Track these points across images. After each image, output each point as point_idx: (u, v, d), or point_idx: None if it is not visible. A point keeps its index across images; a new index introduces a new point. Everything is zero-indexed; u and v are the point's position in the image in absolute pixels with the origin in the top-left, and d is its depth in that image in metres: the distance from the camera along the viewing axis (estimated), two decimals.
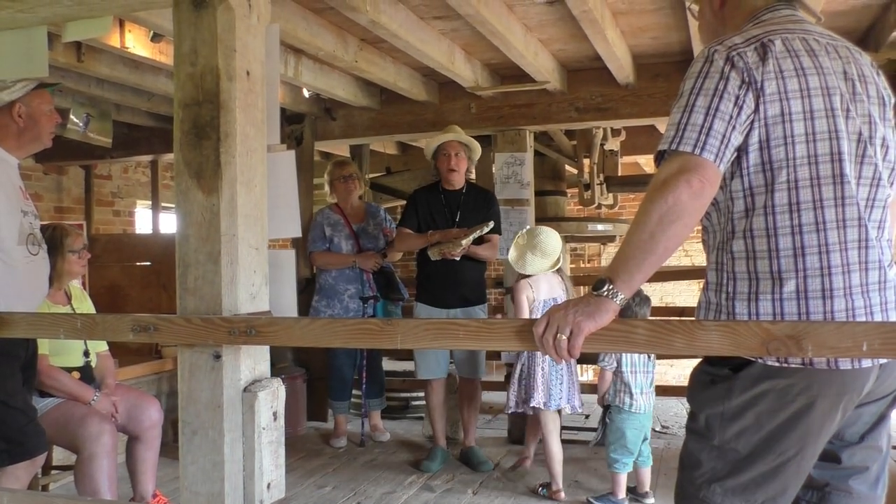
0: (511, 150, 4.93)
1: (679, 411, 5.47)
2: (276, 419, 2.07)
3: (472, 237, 3.96)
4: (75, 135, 4.77)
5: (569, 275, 5.68)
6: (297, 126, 5.27)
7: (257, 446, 2.01)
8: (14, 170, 2.61)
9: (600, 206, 6.05)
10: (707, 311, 1.54)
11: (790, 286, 1.43)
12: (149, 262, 5.28)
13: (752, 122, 1.44)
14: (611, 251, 8.33)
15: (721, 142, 1.42)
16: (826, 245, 1.44)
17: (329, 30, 3.68)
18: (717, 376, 1.50)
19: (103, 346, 3.36)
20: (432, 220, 4.20)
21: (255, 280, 2.12)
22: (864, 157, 1.48)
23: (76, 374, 3.13)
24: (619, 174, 5.96)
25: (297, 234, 2.91)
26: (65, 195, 6.32)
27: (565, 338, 1.43)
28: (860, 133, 1.48)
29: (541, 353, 2.37)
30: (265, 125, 2.18)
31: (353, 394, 4.92)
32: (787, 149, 1.44)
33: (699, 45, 3.52)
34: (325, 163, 5.48)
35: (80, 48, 3.62)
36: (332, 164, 4.91)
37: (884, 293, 1.47)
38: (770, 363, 1.42)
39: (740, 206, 1.49)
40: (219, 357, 1.98)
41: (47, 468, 3.22)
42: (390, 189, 6.46)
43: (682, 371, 8.27)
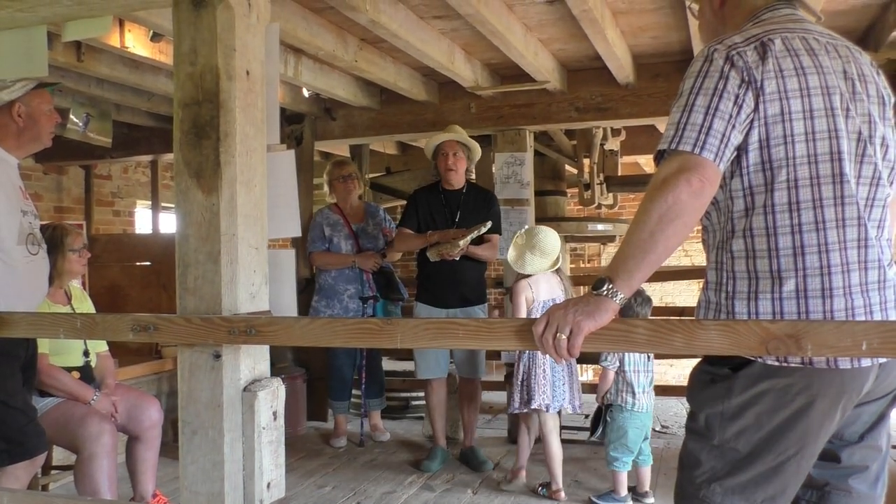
0: (511, 149, 4.93)
1: (679, 411, 5.47)
2: (275, 419, 2.07)
3: (470, 238, 3.96)
4: (75, 135, 4.77)
5: (568, 275, 5.70)
6: (297, 126, 5.27)
7: (257, 446, 2.01)
8: (14, 169, 2.62)
9: (600, 206, 6.05)
10: (707, 311, 1.55)
11: (790, 285, 1.44)
12: (149, 262, 5.28)
13: (751, 122, 1.45)
14: (611, 251, 8.32)
15: (721, 141, 1.42)
16: (825, 244, 1.44)
17: (329, 29, 3.68)
18: (717, 376, 1.50)
19: (103, 346, 3.36)
20: (432, 220, 4.20)
21: (255, 280, 2.12)
22: (863, 156, 1.48)
23: (76, 374, 3.13)
24: (619, 174, 5.96)
25: (297, 234, 2.91)
26: (65, 195, 6.32)
27: (565, 337, 1.43)
28: (860, 132, 1.49)
29: (542, 354, 2.38)
30: (265, 125, 2.18)
31: (353, 394, 4.92)
32: (786, 148, 1.44)
33: (699, 44, 3.53)
34: (325, 163, 5.48)
35: (80, 48, 3.62)
36: (331, 164, 4.91)
37: (883, 292, 1.47)
38: (770, 362, 1.43)
39: (740, 205, 1.49)
40: (219, 357, 1.98)
41: (47, 468, 3.22)
42: (390, 189, 6.45)
43: (682, 371, 8.27)
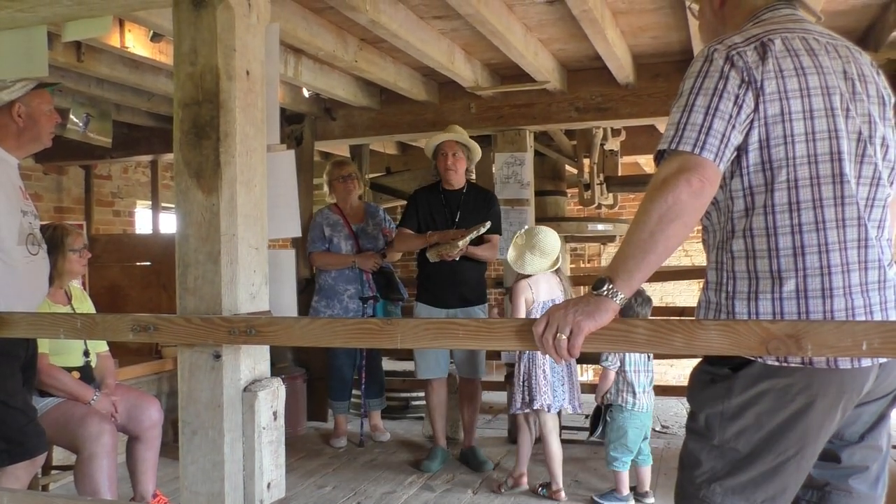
0: (511, 149, 4.93)
1: (679, 411, 5.47)
2: (276, 419, 2.07)
3: (469, 238, 3.95)
4: (75, 135, 4.77)
5: (568, 275, 5.70)
6: (297, 126, 5.27)
7: (257, 446, 2.01)
8: (14, 170, 2.62)
9: (600, 206, 6.05)
10: (707, 311, 1.54)
11: (790, 285, 1.44)
12: (149, 262, 5.28)
13: (751, 122, 1.44)
14: (611, 251, 8.32)
15: (721, 141, 1.42)
16: (826, 244, 1.44)
17: (329, 29, 3.68)
18: (717, 376, 1.50)
19: (103, 346, 3.36)
20: (432, 221, 4.19)
21: (255, 280, 2.12)
22: (863, 156, 1.48)
23: (76, 374, 3.13)
24: (619, 174, 5.96)
25: (297, 234, 2.91)
26: (65, 195, 6.32)
27: (565, 337, 1.43)
28: (860, 132, 1.48)
29: (542, 354, 2.38)
30: (265, 125, 2.18)
31: (353, 394, 4.92)
32: (786, 148, 1.44)
33: (699, 44, 3.53)
34: (325, 163, 5.48)
35: (80, 48, 3.62)
36: (330, 165, 4.90)
37: (883, 292, 1.47)
38: (770, 362, 1.43)
39: (740, 205, 1.49)
40: (219, 357, 1.98)
41: (47, 468, 3.22)
42: (390, 189, 6.45)
43: (682, 371, 8.27)
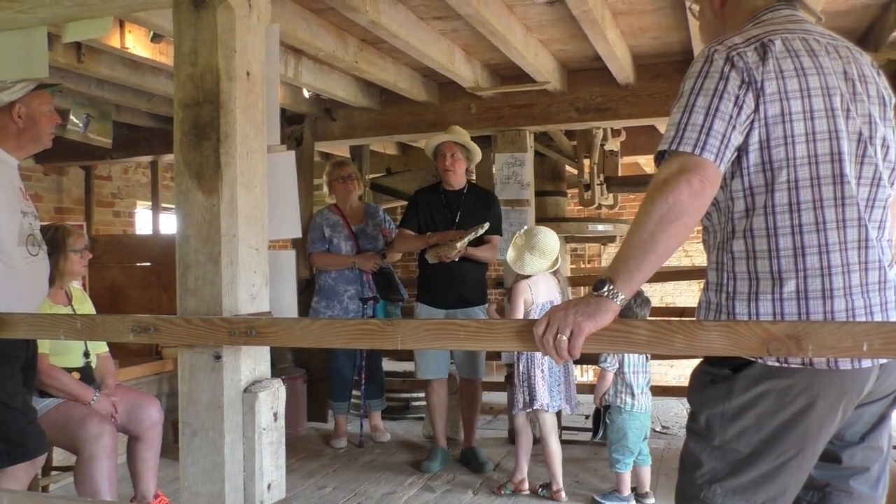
0: (511, 150, 4.93)
1: (679, 411, 5.47)
2: (276, 420, 2.07)
3: (467, 240, 3.95)
4: (75, 135, 4.77)
5: (568, 275, 5.70)
6: (297, 126, 5.27)
7: (258, 447, 2.01)
8: (14, 170, 2.62)
9: (600, 207, 6.05)
10: (707, 311, 1.54)
11: (790, 286, 1.43)
12: (149, 263, 5.28)
13: (752, 122, 1.44)
14: (611, 251, 8.33)
15: (721, 142, 1.42)
16: (826, 245, 1.43)
17: (329, 30, 3.68)
18: (718, 376, 1.50)
19: (103, 347, 3.36)
20: (432, 221, 4.19)
21: (256, 281, 2.12)
22: (864, 157, 1.48)
23: (76, 375, 3.13)
24: (620, 174, 5.96)
25: (298, 235, 2.91)
26: (65, 196, 6.32)
27: (565, 338, 1.43)
28: (860, 133, 1.48)
29: (540, 354, 2.38)
30: (265, 126, 2.18)
31: (354, 394, 4.91)
32: (787, 149, 1.44)
33: (699, 45, 3.53)
34: (325, 163, 5.48)
35: (80, 49, 3.63)
36: (330, 165, 4.90)
37: (884, 293, 1.47)
38: (770, 363, 1.42)
39: (740, 205, 1.49)
40: (219, 358, 1.98)
41: (47, 469, 3.22)
42: (390, 190, 6.45)
43: (683, 371, 8.27)
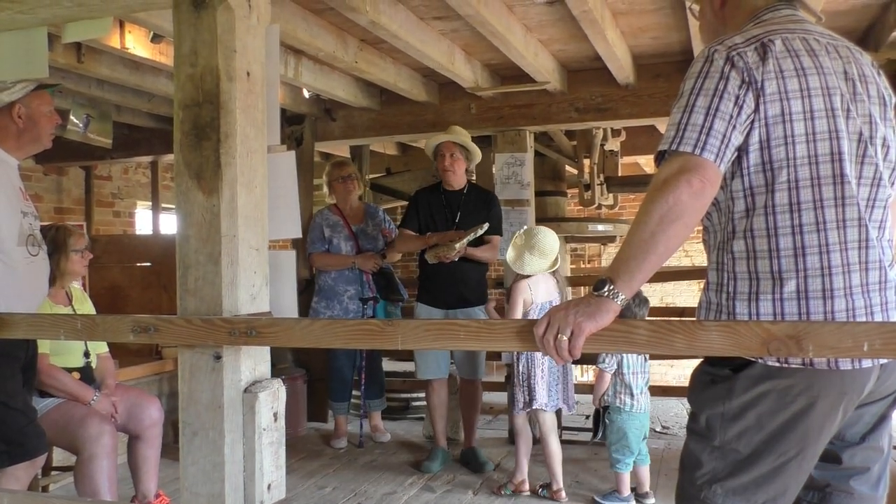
0: (511, 150, 4.93)
1: (679, 412, 5.47)
2: (276, 420, 2.07)
3: (466, 241, 3.95)
4: (75, 136, 4.77)
5: (568, 275, 5.70)
6: (298, 127, 5.27)
7: (258, 447, 2.01)
8: (14, 171, 2.62)
9: (600, 207, 6.05)
10: (707, 311, 1.54)
11: (791, 286, 1.43)
12: (149, 263, 5.28)
13: (752, 122, 1.44)
14: (611, 251, 8.33)
15: (721, 142, 1.42)
16: (826, 245, 1.43)
17: (329, 30, 3.68)
18: (718, 377, 1.50)
19: (103, 347, 3.36)
20: (432, 221, 4.19)
21: (256, 281, 2.12)
22: (864, 157, 1.48)
23: (76, 375, 3.14)
24: (620, 174, 5.96)
25: (298, 235, 2.91)
26: (65, 196, 6.32)
27: (566, 338, 1.42)
28: (861, 133, 1.48)
29: (541, 354, 2.38)
30: (265, 126, 2.18)
31: (354, 394, 4.91)
32: (787, 149, 1.44)
33: (699, 45, 3.53)
34: (325, 163, 5.48)
35: (80, 49, 3.63)
36: (330, 165, 4.90)
37: (884, 293, 1.47)
38: (770, 363, 1.42)
39: (741, 205, 1.49)
40: (219, 358, 1.98)
41: (47, 469, 3.22)
42: (390, 190, 6.45)
43: (683, 371, 8.26)
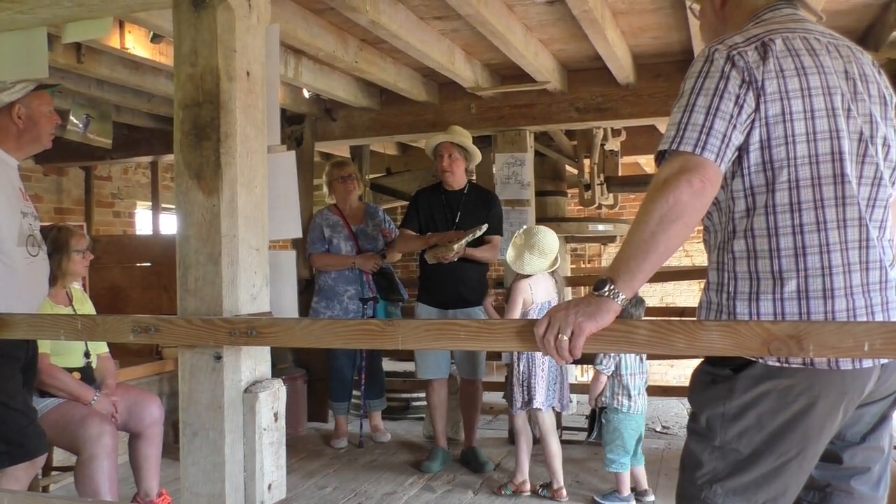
0: (511, 150, 4.93)
1: (679, 411, 5.47)
2: (276, 420, 2.07)
3: (465, 241, 3.94)
4: (75, 136, 4.77)
5: (568, 275, 5.69)
6: (298, 127, 5.27)
7: (258, 447, 2.01)
8: (14, 171, 2.62)
9: (601, 207, 6.05)
10: (708, 311, 1.54)
11: (791, 286, 1.43)
12: (149, 263, 5.28)
13: (752, 122, 1.44)
14: (611, 251, 8.32)
15: (722, 141, 1.42)
16: (827, 245, 1.43)
17: (329, 30, 3.68)
18: (718, 376, 1.50)
19: (104, 347, 3.36)
20: (433, 221, 4.19)
21: (256, 281, 2.12)
22: (865, 156, 1.48)
23: (77, 375, 3.13)
24: (620, 174, 5.96)
25: (298, 235, 2.91)
26: (65, 196, 6.32)
27: (566, 338, 1.42)
28: (861, 132, 1.48)
29: (541, 354, 2.38)
30: (265, 126, 2.18)
31: (354, 394, 4.91)
32: (787, 148, 1.44)
33: (700, 44, 3.53)
34: (325, 163, 5.48)
35: (80, 49, 3.63)
36: (330, 165, 4.89)
37: (885, 293, 1.46)
38: (771, 363, 1.42)
39: (741, 205, 1.49)
40: (219, 358, 1.98)
41: (47, 469, 3.22)
42: (390, 190, 6.45)
43: (683, 371, 8.26)
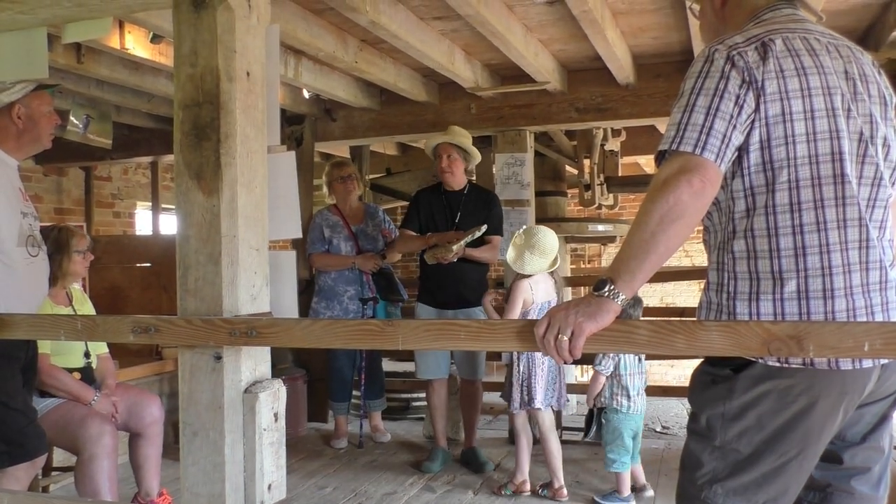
0: (511, 150, 4.93)
1: (679, 412, 5.47)
2: (276, 420, 2.07)
3: (464, 242, 3.94)
4: (75, 136, 4.77)
5: (568, 275, 5.69)
6: (298, 127, 5.27)
7: (258, 447, 2.01)
8: (14, 171, 2.62)
9: (600, 207, 6.05)
10: (708, 311, 1.54)
11: (791, 286, 1.43)
12: (149, 264, 5.28)
13: (752, 122, 1.44)
14: (611, 251, 8.32)
15: (722, 141, 1.42)
16: (827, 245, 1.43)
17: (329, 30, 3.68)
18: (718, 377, 1.50)
19: (104, 347, 3.36)
20: (433, 221, 4.19)
21: (256, 281, 2.12)
22: (865, 156, 1.48)
23: (77, 375, 3.13)
24: (620, 174, 5.96)
25: (298, 235, 2.91)
26: (65, 196, 6.32)
27: (566, 339, 1.42)
28: (861, 133, 1.48)
29: (541, 354, 2.38)
30: (265, 126, 2.18)
31: (354, 395, 4.91)
32: (787, 148, 1.44)
33: (700, 44, 3.53)
34: (325, 164, 5.48)
35: (80, 49, 3.63)
36: (330, 165, 4.89)
37: (885, 293, 1.46)
38: (771, 363, 1.42)
39: (741, 205, 1.49)
40: (219, 358, 1.98)
41: (47, 469, 3.22)
42: (390, 190, 6.45)
43: (683, 371, 8.27)
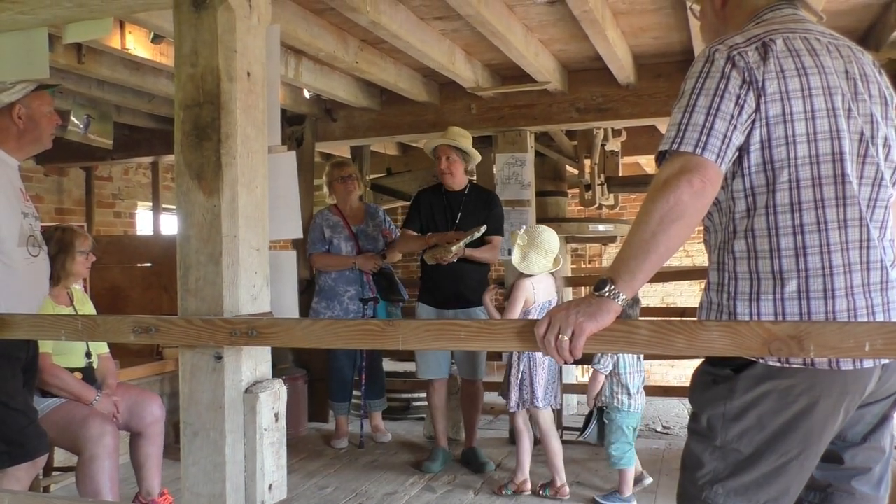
0: (512, 150, 4.93)
1: (680, 412, 5.47)
2: (277, 420, 2.07)
3: (464, 242, 3.94)
4: (76, 136, 4.77)
5: (569, 275, 5.69)
6: (298, 127, 5.27)
7: (259, 447, 2.01)
8: (14, 171, 2.62)
9: (601, 207, 6.04)
10: (708, 311, 1.54)
11: (792, 286, 1.43)
12: (150, 264, 5.28)
13: (753, 122, 1.44)
14: (612, 251, 8.32)
15: (722, 141, 1.42)
16: (828, 245, 1.43)
17: (329, 31, 3.68)
18: (719, 377, 1.50)
19: (104, 347, 3.36)
20: (433, 222, 4.19)
21: (257, 281, 2.12)
22: (865, 156, 1.48)
23: (78, 375, 3.14)
24: (620, 174, 5.95)
25: (298, 235, 2.91)
26: (65, 197, 6.32)
27: (567, 339, 1.43)
28: (862, 133, 1.48)
29: (541, 354, 2.39)
30: (266, 126, 2.18)
31: (354, 395, 4.91)
32: (788, 148, 1.44)
33: (700, 44, 3.52)
34: (326, 164, 5.48)
35: (81, 50, 3.63)
36: (330, 165, 4.89)
37: (886, 293, 1.46)
38: (771, 363, 1.42)
39: (742, 205, 1.49)
40: (220, 358, 1.98)
41: (48, 469, 3.22)
42: (391, 190, 6.45)
43: (684, 371, 8.27)
